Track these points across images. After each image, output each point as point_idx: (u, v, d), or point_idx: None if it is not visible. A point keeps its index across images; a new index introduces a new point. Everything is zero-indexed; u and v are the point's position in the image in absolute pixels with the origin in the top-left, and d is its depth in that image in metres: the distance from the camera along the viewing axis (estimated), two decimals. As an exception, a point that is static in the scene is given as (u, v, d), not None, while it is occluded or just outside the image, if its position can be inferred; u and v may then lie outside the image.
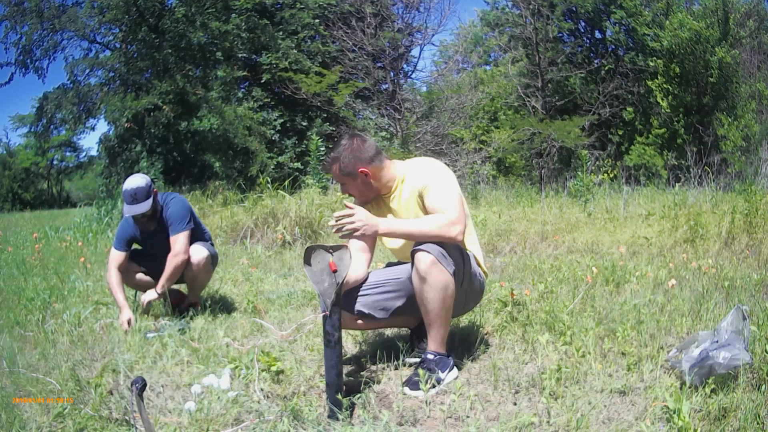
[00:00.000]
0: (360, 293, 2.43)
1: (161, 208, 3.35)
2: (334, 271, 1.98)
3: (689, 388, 1.96)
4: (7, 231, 9.76)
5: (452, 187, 2.30)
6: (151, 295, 3.26)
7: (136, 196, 3.18)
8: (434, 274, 2.15)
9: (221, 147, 11.72)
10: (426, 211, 2.30)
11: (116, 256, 3.30)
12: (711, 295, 3.19)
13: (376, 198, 2.52)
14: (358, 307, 2.41)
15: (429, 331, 2.28)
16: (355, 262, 2.31)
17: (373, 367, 2.48)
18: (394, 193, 2.46)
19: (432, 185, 2.30)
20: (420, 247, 2.17)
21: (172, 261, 3.24)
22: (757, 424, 1.71)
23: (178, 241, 3.27)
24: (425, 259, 2.15)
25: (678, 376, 2.13)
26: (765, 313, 2.51)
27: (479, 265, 2.48)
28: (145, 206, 3.18)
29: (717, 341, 2.07)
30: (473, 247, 2.49)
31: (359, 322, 2.46)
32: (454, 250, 2.24)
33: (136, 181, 3.23)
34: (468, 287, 2.38)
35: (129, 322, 3.06)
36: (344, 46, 12.24)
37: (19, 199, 36.94)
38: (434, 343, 2.29)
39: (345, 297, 2.38)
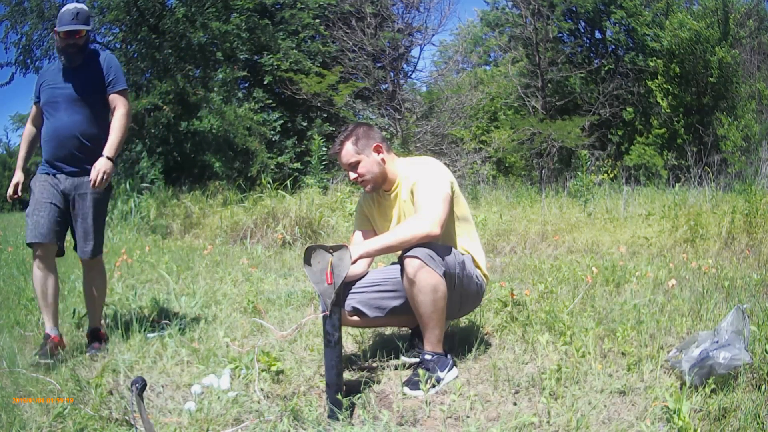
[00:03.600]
0: (356, 290, 2.43)
1: (91, 51, 2.86)
2: (330, 284, 1.97)
3: (689, 388, 1.96)
4: (7, 231, 9.76)
5: (437, 185, 2.29)
6: (105, 164, 2.70)
7: (78, 16, 2.75)
8: (422, 278, 2.15)
9: (221, 147, 11.71)
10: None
11: (33, 111, 2.91)
12: (711, 295, 3.19)
13: (378, 196, 2.53)
14: (353, 303, 2.41)
15: (424, 332, 2.29)
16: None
17: (373, 367, 2.48)
18: (395, 191, 2.46)
19: (419, 182, 2.32)
20: (408, 252, 2.17)
21: (124, 120, 2.80)
22: (757, 424, 1.71)
23: (124, 97, 2.84)
24: (412, 263, 2.15)
25: (678, 376, 2.13)
26: (765, 313, 2.51)
27: (479, 267, 2.47)
28: (83, 26, 2.75)
29: (717, 341, 2.07)
30: (473, 248, 2.48)
31: (354, 318, 2.46)
32: (444, 251, 2.24)
33: (79, 5, 2.84)
34: (462, 290, 2.36)
35: (16, 188, 2.90)
36: (344, 46, 12.25)
37: (19, 199, 36.93)
38: (430, 344, 2.29)
39: (343, 294, 2.39)
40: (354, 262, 2.09)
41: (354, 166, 2.41)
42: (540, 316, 2.92)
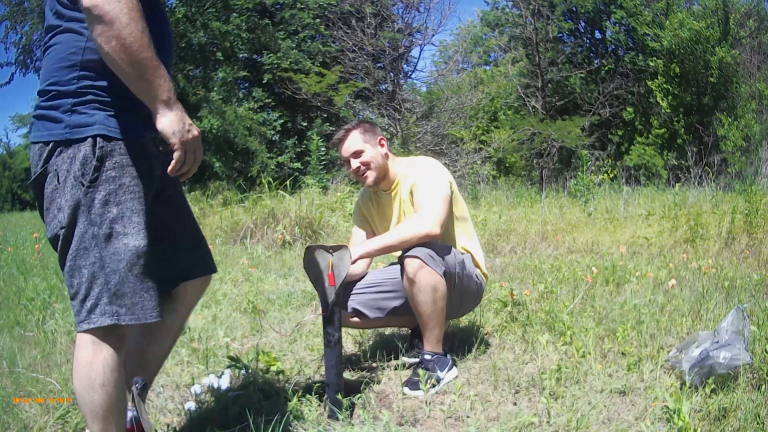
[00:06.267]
0: (356, 291, 2.43)
1: None
2: (332, 285, 1.97)
3: (689, 388, 1.96)
4: (7, 231, 9.76)
5: (436, 185, 2.30)
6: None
7: None
8: (422, 277, 2.15)
9: (221, 147, 11.73)
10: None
11: None
12: (711, 295, 3.19)
13: (377, 195, 2.53)
14: (353, 304, 2.41)
15: (423, 332, 2.29)
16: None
17: (373, 367, 2.48)
18: (394, 190, 2.47)
19: (418, 182, 2.33)
20: (408, 252, 2.17)
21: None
22: (757, 424, 1.71)
23: None
24: (412, 263, 2.15)
25: (678, 376, 2.13)
26: (765, 313, 2.51)
27: (478, 266, 2.48)
28: None
29: (717, 341, 2.07)
30: (472, 247, 2.49)
31: (355, 320, 2.47)
32: (444, 251, 2.24)
33: None
34: (462, 289, 2.37)
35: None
36: (344, 46, 12.25)
37: (19, 199, 36.97)
38: (429, 344, 2.29)
39: (342, 295, 2.39)
40: (354, 263, 2.09)
41: (358, 154, 2.39)
42: (540, 316, 2.92)
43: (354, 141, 2.39)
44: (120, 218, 1.34)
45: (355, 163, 2.40)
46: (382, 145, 2.43)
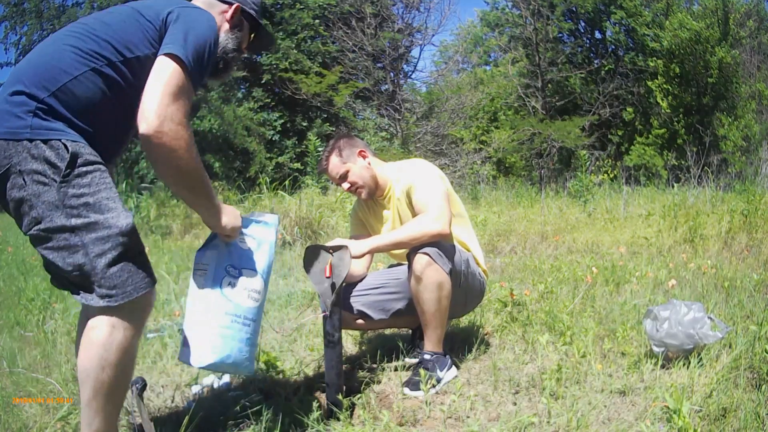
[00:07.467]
0: (361, 293, 2.44)
1: None
2: (328, 277, 1.97)
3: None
4: (7, 231, 9.75)
5: (435, 184, 2.31)
6: None
7: None
8: (430, 274, 2.16)
9: (221, 147, 11.73)
10: (413, 210, 2.33)
11: None
12: (711, 295, 3.19)
13: (372, 202, 2.53)
14: (358, 306, 2.42)
15: (425, 331, 2.29)
16: (355, 261, 2.31)
17: (373, 367, 2.48)
18: (387, 195, 2.47)
19: (416, 183, 2.33)
20: (416, 249, 2.18)
21: None
22: (757, 424, 1.71)
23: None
24: (421, 259, 2.16)
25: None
26: (765, 313, 2.51)
27: (478, 263, 2.50)
28: None
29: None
30: (471, 244, 2.50)
31: (359, 321, 2.48)
32: (451, 249, 2.25)
33: None
34: (467, 287, 2.38)
35: None
36: (344, 47, 12.26)
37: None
38: (430, 344, 2.29)
39: (345, 296, 2.39)
40: (363, 256, 2.13)
41: (344, 176, 2.42)
42: (540, 316, 2.92)
43: (335, 166, 2.42)
44: (97, 205, 1.37)
45: (345, 185, 2.44)
46: (364, 157, 2.43)
